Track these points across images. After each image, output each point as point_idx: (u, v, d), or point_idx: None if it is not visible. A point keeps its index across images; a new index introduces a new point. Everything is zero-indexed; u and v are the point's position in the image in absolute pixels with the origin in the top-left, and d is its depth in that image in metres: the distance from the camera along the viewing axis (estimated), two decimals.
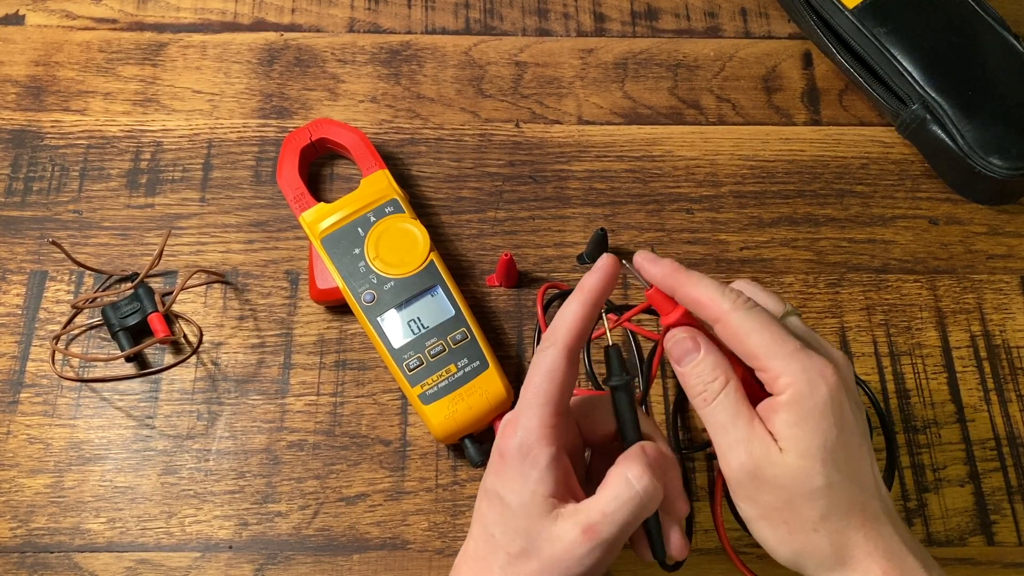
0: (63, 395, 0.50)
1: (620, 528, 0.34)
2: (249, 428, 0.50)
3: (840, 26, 0.58)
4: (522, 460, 0.35)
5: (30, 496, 0.48)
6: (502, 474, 0.35)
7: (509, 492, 0.35)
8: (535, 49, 0.61)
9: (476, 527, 0.37)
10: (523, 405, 0.36)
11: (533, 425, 0.35)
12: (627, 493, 0.34)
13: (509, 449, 0.35)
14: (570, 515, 0.34)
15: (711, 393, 0.35)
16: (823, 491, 0.34)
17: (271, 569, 0.47)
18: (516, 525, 0.35)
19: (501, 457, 0.36)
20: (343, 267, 0.50)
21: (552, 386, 0.35)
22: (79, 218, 0.55)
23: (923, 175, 0.58)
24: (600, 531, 0.34)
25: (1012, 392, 0.52)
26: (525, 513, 0.34)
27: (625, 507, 0.34)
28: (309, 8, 0.62)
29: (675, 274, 0.36)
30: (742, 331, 0.34)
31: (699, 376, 0.35)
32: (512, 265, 0.52)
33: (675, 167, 0.58)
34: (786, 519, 0.35)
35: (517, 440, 0.35)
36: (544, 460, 0.34)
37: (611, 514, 0.34)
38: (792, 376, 0.33)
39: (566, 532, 0.34)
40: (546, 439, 0.35)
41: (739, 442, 0.34)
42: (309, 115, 0.58)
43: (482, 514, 0.37)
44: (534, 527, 0.34)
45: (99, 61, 0.59)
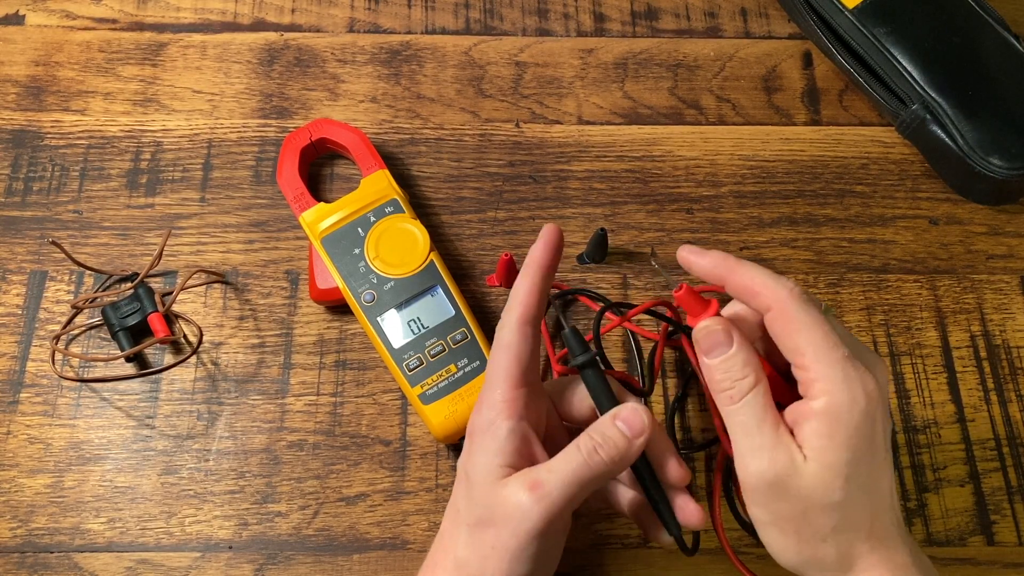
0: (63, 395, 0.50)
1: (564, 486, 0.34)
2: (249, 428, 0.50)
3: (840, 26, 0.58)
4: (483, 434, 0.36)
5: (30, 496, 0.48)
6: (470, 452, 0.36)
7: (472, 466, 0.36)
8: (535, 49, 0.61)
9: (450, 503, 0.38)
10: (487, 383, 0.37)
11: (495, 399, 0.36)
12: (572, 453, 0.35)
13: (476, 427, 0.36)
14: (519, 476, 0.35)
15: (739, 392, 0.34)
16: (840, 505, 0.33)
17: (271, 569, 0.47)
18: (474, 496, 0.35)
19: (470, 437, 0.37)
20: (343, 267, 0.50)
21: (510, 359, 0.36)
22: (79, 218, 0.55)
23: (923, 175, 0.58)
24: (544, 485, 0.34)
25: (1012, 392, 0.52)
26: (482, 483, 0.35)
27: (568, 465, 0.34)
28: (309, 8, 0.62)
29: (726, 262, 0.35)
30: (796, 322, 0.33)
31: (727, 372, 0.34)
32: (512, 265, 0.52)
33: (675, 167, 0.58)
34: (797, 528, 0.34)
35: (482, 417, 0.36)
36: (503, 432, 0.35)
37: (556, 471, 0.34)
38: (833, 385, 0.32)
39: (514, 491, 0.34)
40: (505, 412, 0.35)
41: (762, 448, 0.33)
42: (309, 115, 0.58)
43: (454, 491, 0.38)
44: (489, 495, 0.35)
45: (99, 61, 0.59)
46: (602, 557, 0.47)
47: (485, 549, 0.35)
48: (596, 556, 0.47)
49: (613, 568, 0.47)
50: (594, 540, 0.48)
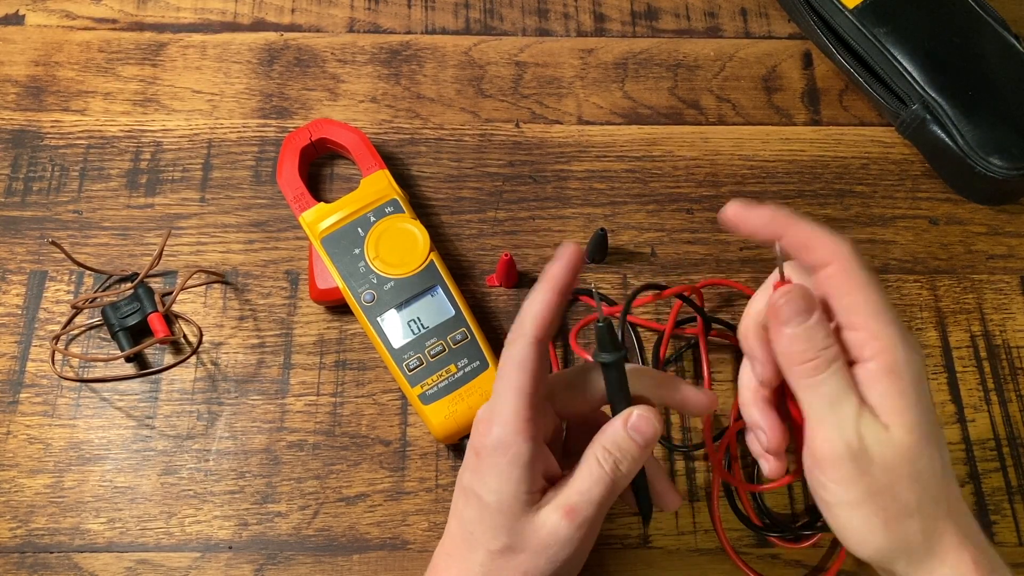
0: (63, 395, 0.50)
1: (597, 507, 0.34)
2: (249, 428, 0.50)
3: (840, 26, 0.58)
4: (500, 456, 0.34)
5: (30, 496, 0.48)
6: (479, 472, 0.35)
7: (487, 490, 0.34)
8: (535, 49, 0.61)
9: (453, 523, 0.37)
10: (497, 400, 0.35)
11: (508, 419, 0.34)
12: (597, 473, 0.34)
13: (485, 446, 0.35)
14: (551, 499, 0.34)
15: (825, 360, 0.31)
16: (926, 471, 0.31)
17: (271, 569, 0.47)
18: (497, 522, 0.34)
19: (477, 455, 0.35)
20: (343, 267, 0.50)
21: (525, 377, 0.34)
22: (79, 218, 0.55)
23: (923, 175, 0.58)
24: (580, 511, 0.34)
25: (1012, 392, 0.52)
26: (507, 510, 0.34)
27: (597, 486, 0.34)
28: (309, 8, 0.62)
29: (783, 215, 0.33)
30: (857, 279, 0.31)
31: (811, 340, 0.32)
32: (512, 265, 0.52)
33: (675, 167, 0.58)
34: (884, 505, 0.31)
35: (493, 437, 0.34)
36: (525, 457, 0.34)
37: (586, 493, 0.34)
38: (892, 342, 0.31)
39: (547, 518, 0.34)
40: (523, 432, 0.34)
41: (848, 419, 0.31)
42: (309, 115, 0.58)
43: (459, 511, 0.36)
44: (517, 523, 0.34)
45: (99, 61, 0.59)
46: (602, 557, 0.47)
47: (516, 573, 0.34)
48: (596, 556, 0.47)
49: (613, 568, 0.47)
50: None
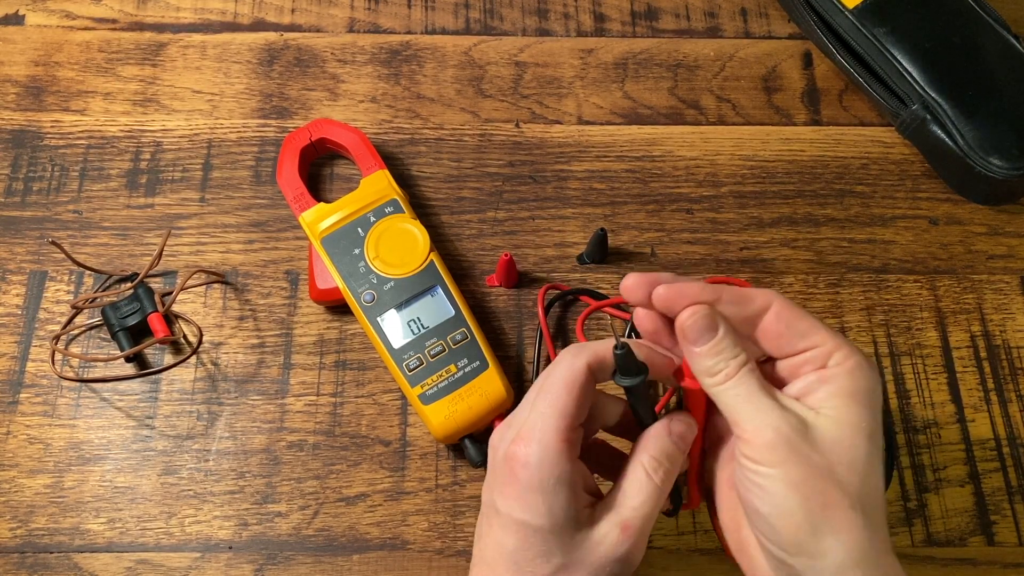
0: (63, 395, 0.50)
1: (649, 519, 0.34)
2: (249, 428, 0.50)
3: (840, 26, 0.58)
4: (546, 479, 0.33)
5: (30, 496, 0.48)
6: (523, 497, 0.33)
7: (535, 514, 0.33)
8: (535, 49, 0.61)
9: (490, 554, 0.35)
10: (539, 417, 0.34)
11: (551, 440, 0.33)
12: (649, 487, 0.34)
13: (529, 468, 0.33)
14: (604, 515, 0.34)
15: (735, 367, 0.33)
16: (866, 465, 0.31)
17: (271, 569, 0.47)
18: (550, 545, 0.33)
19: (515, 477, 0.34)
20: (343, 267, 0.50)
21: (571, 399, 0.34)
22: (79, 218, 0.55)
23: (923, 175, 0.58)
24: (634, 526, 0.34)
25: (1012, 392, 0.52)
26: (560, 531, 0.33)
27: (649, 500, 0.34)
28: (309, 8, 0.62)
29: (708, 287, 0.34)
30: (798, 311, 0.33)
31: (720, 354, 0.33)
32: (512, 265, 0.52)
33: (675, 167, 0.58)
34: (823, 490, 0.31)
35: (535, 458, 0.33)
36: (569, 475, 0.33)
37: (641, 507, 0.34)
38: (847, 353, 0.32)
39: (606, 534, 0.34)
40: (566, 453, 0.33)
41: (771, 408, 0.32)
42: (309, 115, 0.58)
43: (497, 540, 0.34)
44: (571, 541, 0.34)
45: (99, 61, 0.59)
46: None
47: None
48: None
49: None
50: None
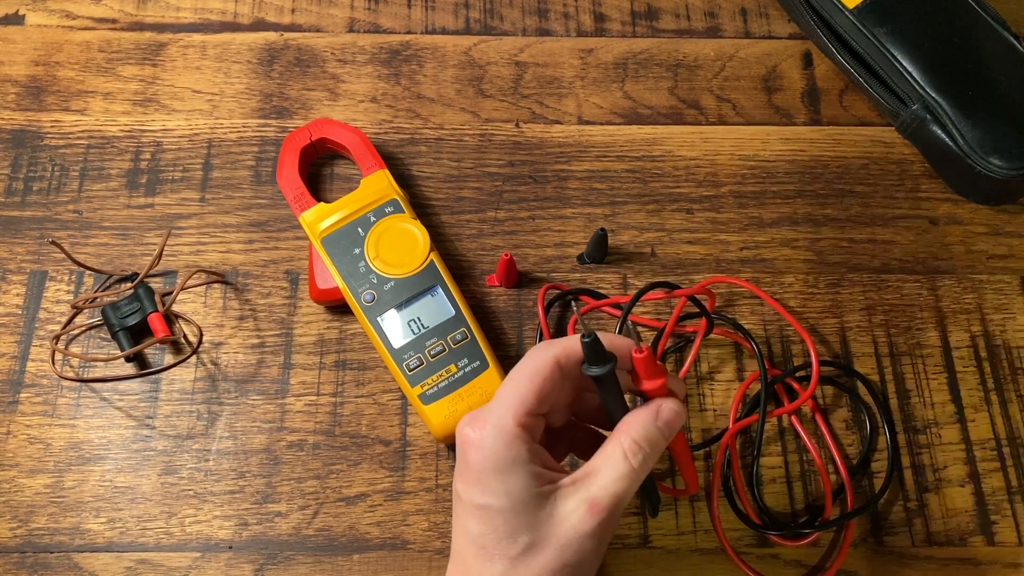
0: (63, 395, 0.50)
1: (620, 500, 0.34)
2: (249, 428, 0.50)
3: (840, 26, 0.58)
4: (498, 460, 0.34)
5: (30, 496, 0.48)
6: (481, 481, 0.34)
7: (495, 496, 0.34)
8: (535, 49, 0.61)
9: (459, 541, 0.36)
10: (496, 403, 0.35)
11: (505, 423, 0.34)
12: (624, 467, 0.34)
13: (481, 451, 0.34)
14: (572, 493, 0.34)
15: None
16: None
17: (271, 569, 0.47)
18: (514, 525, 0.34)
19: (468, 461, 0.34)
20: (343, 267, 0.50)
21: (531, 387, 0.34)
22: (79, 218, 0.55)
23: (923, 175, 0.58)
24: (604, 505, 0.34)
25: (1012, 392, 0.52)
26: (523, 509, 0.34)
27: (622, 480, 0.34)
28: (309, 8, 0.62)
29: None
30: None
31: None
32: (512, 265, 0.52)
33: (675, 167, 0.58)
34: None
35: (489, 440, 0.34)
36: (525, 456, 0.34)
37: (610, 487, 0.34)
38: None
39: (572, 511, 0.34)
40: (521, 436, 0.34)
41: None
42: (309, 115, 0.58)
43: (465, 528, 0.35)
44: (535, 518, 0.34)
45: (99, 61, 0.59)
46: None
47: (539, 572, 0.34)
48: None
49: (613, 568, 0.47)
50: None
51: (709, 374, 0.52)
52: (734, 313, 0.53)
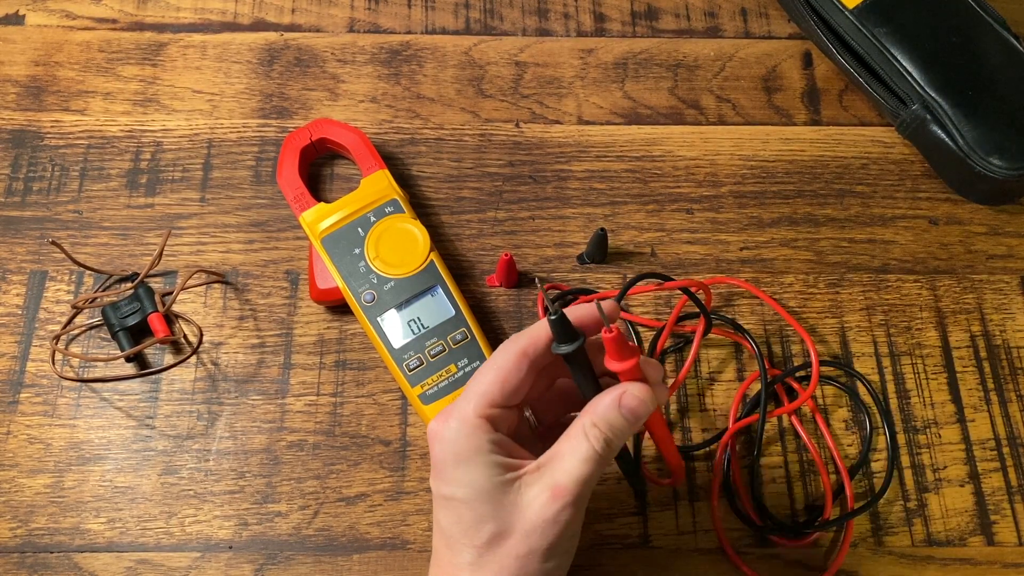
0: (63, 395, 0.50)
1: (583, 483, 0.34)
2: (249, 428, 0.50)
3: (840, 26, 0.58)
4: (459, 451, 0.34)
5: (30, 496, 0.48)
6: (445, 472, 0.35)
7: (459, 486, 0.34)
8: (535, 49, 0.61)
9: (435, 535, 0.37)
10: (461, 398, 0.35)
11: (467, 415, 0.34)
12: (585, 451, 0.34)
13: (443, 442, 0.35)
14: (536, 479, 0.34)
15: None
16: None
17: (271, 569, 0.47)
18: (479, 513, 0.34)
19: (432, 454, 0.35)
20: (343, 267, 0.50)
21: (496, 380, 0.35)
22: (79, 218, 0.55)
23: (923, 175, 0.58)
24: (567, 490, 0.34)
25: (1012, 392, 0.52)
26: (486, 498, 0.34)
27: (585, 464, 0.34)
28: (309, 8, 0.62)
29: None
30: None
31: None
32: (512, 265, 0.52)
33: (675, 167, 0.58)
34: None
35: (452, 432, 0.34)
36: (486, 446, 0.34)
37: (573, 471, 0.34)
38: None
39: (535, 497, 0.34)
40: (483, 427, 0.34)
41: None
42: (309, 115, 0.58)
43: (438, 521, 0.36)
44: (499, 507, 0.34)
45: (99, 61, 0.59)
46: (602, 557, 0.47)
47: (507, 560, 0.34)
48: (596, 556, 0.47)
49: (613, 568, 0.47)
50: (594, 540, 0.48)
51: (709, 374, 0.52)
52: (734, 313, 0.53)
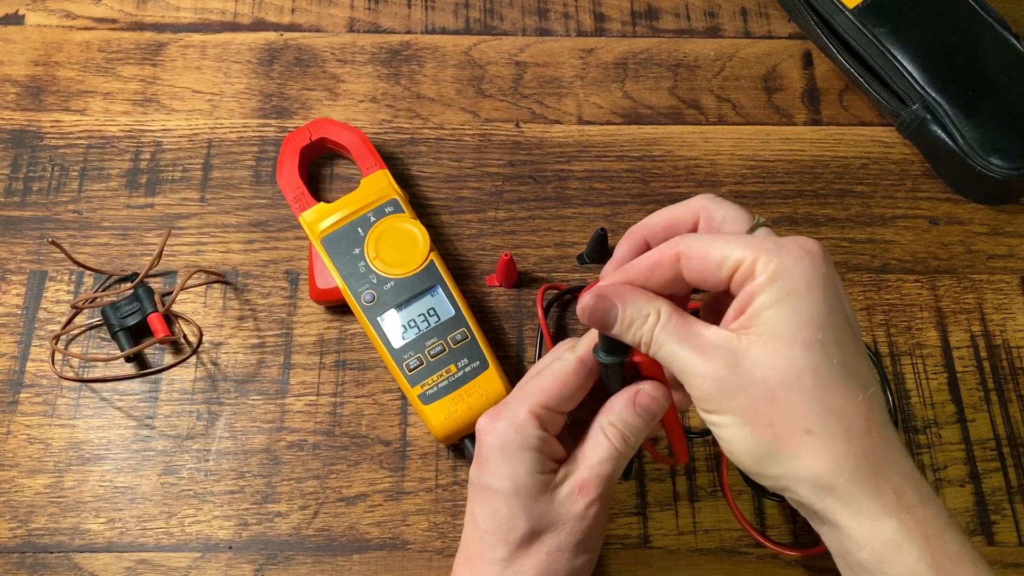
0: (63, 395, 0.50)
1: (607, 480, 0.35)
2: (249, 428, 0.50)
3: (840, 26, 0.58)
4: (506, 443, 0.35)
5: (30, 496, 0.48)
6: (489, 463, 0.35)
7: (499, 478, 0.35)
8: (535, 49, 0.61)
9: (468, 527, 0.37)
10: (517, 396, 0.36)
11: (519, 412, 0.35)
12: (605, 450, 0.35)
13: (492, 435, 0.35)
14: (565, 479, 0.35)
15: (647, 333, 0.32)
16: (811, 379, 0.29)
17: (271, 569, 0.47)
18: (514, 510, 0.35)
19: (480, 445, 0.36)
20: (343, 267, 0.50)
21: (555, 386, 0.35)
22: (79, 218, 0.55)
23: (923, 175, 0.58)
24: (592, 486, 0.35)
25: (1012, 392, 0.52)
26: (523, 493, 0.35)
27: (606, 463, 0.35)
28: (309, 8, 0.62)
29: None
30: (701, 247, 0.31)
31: (631, 327, 0.32)
32: (512, 265, 0.52)
33: (675, 167, 0.58)
34: (771, 420, 0.29)
35: (502, 426, 0.35)
36: (533, 442, 0.35)
37: (596, 467, 0.35)
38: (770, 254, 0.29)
39: (564, 497, 0.35)
40: (532, 424, 0.35)
41: (696, 356, 0.30)
42: (309, 115, 0.58)
43: (472, 512, 0.37)
44: (536, 505, 0.35)
45: (99, 61, 0.59)
46: (602, 557, 0.47)
47: (538, 556, 0.35)
48: None
49: (613, 568, 0.47)
50: None
51: None
52: None
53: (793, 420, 0.29)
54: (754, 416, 0.30)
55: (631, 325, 0.32)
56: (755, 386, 0.29)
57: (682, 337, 0.31)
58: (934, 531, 0.29)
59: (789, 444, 0.29)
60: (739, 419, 0.30)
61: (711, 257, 0.31)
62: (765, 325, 0.29)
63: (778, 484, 0.31)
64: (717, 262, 0.30)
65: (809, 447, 0.29)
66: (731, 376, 0.30)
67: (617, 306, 0.32)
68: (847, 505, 0.29)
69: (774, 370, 0.29)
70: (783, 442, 0.29)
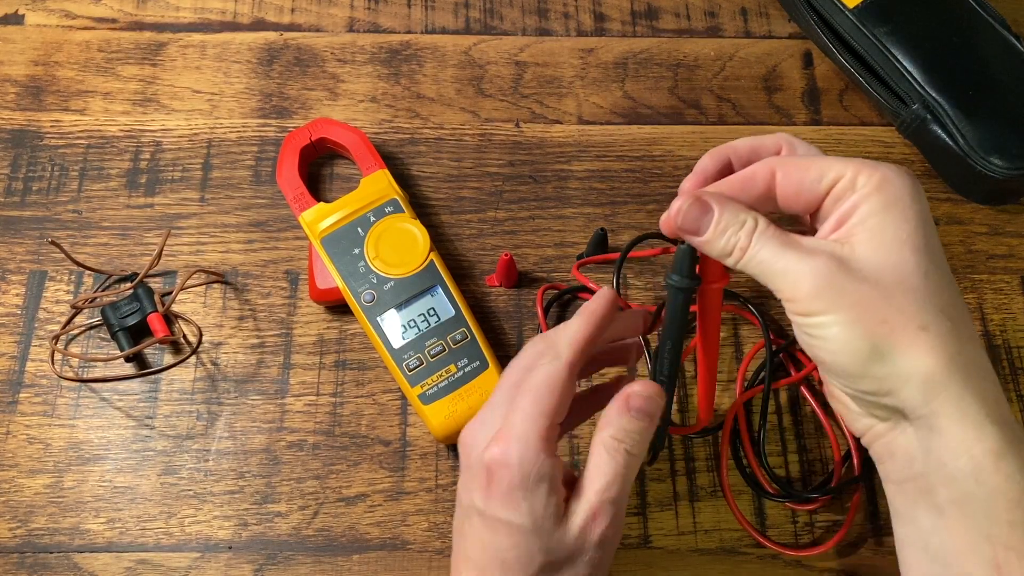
0: (62, 395, 0.50)
1: (616, 499, 0.34)
2: (249, 428, 0.50)
3: (840, 26, 0.58)
4: (525, 477, 0.33)
5: (30, 496, 0.48)
6: (504, 498, 0.34)
7: (519, 514, 0.33)
8: (535, 49, 0.61)
9: (477, 553, 0.35)
10: (520, 417, 0.34)
11: (531, 439, 0.33)
12: (611, 469, 0.34)
13: (508, 468, 0.33)
14: (576, 507, 0.34)
15: (744, 238, 0.31)
16: (922, 280, 0.29)
17: (271, 569, 0.47)
18: (533, 545, 0.34)
19: (494, 477, 0.33)
20: (343, 267, 0.50)
21: (553, 401, 0.34)
22: (79, 218, 0.55)
23: (923, 175, 0.58)
24: (603, 513, 0.34)
25: (1012, 392, 0.52)
26: (542, 530, 0.33)
27: (614, 481, 0.34)
28: (309, 8, 0.62)
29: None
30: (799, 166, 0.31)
31: (727, 230, 0.31)
32: (512, 265, 0.52)
33: (675, 167, 0.58)
34: (885, 317, 0.29)
35: (516, 458, 0.33)
36: (550, 473, 0.34)
37: (605, 491, 0.34)
38: (872, 168, 0.30)
39: (578, 529, 0.34)
40: (545, 451, 0.34)
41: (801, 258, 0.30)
42: (309, 115, 0.58)
43: (481, 539, 0.35)
44: (551, 539, 0.34)
45: (99, 61, 0.59)
46: None
47: None
48: None
49: (613, 568, 0.47)
50: None
51: None
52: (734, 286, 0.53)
53: (908, 316, 0.29)
54: (866, 312, 0.29)
55: (726, 231, 0.31)
56: (867, 283, 0.29)
57: (783, 243, 0.31)
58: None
59: (904, 339, 0.29)
60: (849, 316, 0.29)
61: (809, 172, 0.31)
62: (872, 231, 0.30)
63: (882, 387, 0.30)
64: (815, 177, 0.31)
65: (925, 342, 0.29)
66: (840, 274, 0.29)
67: (714, 211, 0.32)
68: (956, 407, 0.29)
69: (887, 270, 0.29)
70: (898, 336, 0.29)
